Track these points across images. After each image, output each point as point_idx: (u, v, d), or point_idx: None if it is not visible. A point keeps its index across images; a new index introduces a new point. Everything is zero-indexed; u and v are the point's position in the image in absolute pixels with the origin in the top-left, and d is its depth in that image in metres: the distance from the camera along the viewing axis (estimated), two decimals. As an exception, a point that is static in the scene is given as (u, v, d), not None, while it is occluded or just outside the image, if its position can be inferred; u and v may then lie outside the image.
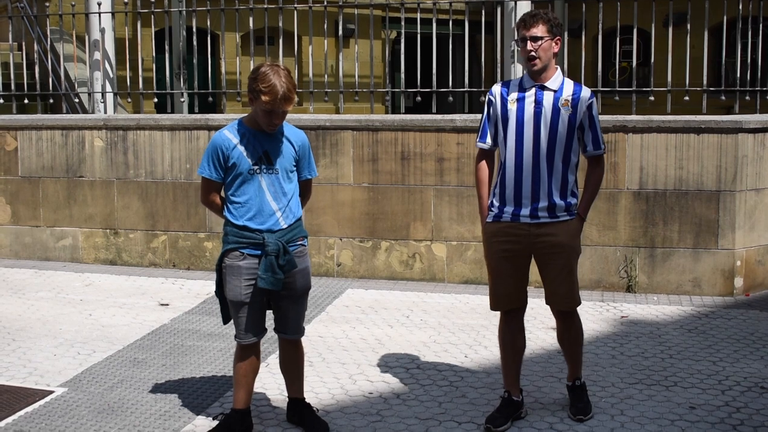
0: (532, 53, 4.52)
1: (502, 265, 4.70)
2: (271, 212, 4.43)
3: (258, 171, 4.41)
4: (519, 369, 4.88)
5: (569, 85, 4.63)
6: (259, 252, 4.40)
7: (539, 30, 4.51)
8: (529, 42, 4.52)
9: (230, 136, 4.42)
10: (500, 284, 4.74)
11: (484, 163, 4.80)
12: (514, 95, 4.62)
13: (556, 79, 4.61)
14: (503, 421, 4.70)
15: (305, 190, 4.69)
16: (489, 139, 4.74)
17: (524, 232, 4.62)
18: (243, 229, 4.43)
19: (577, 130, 4.61)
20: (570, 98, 4.58)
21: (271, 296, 4.53)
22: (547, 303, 4.84)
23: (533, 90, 4.59)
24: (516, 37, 4.64)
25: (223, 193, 4.58)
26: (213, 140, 4.45)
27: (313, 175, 4.67)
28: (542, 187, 4.57)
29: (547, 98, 4.57)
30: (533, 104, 4.57)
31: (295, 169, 4.54)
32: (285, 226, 4.46)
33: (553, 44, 4.57)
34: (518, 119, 4.59)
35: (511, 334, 4.83)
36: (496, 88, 4.71)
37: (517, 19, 4.67)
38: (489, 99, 4.72)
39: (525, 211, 4.60)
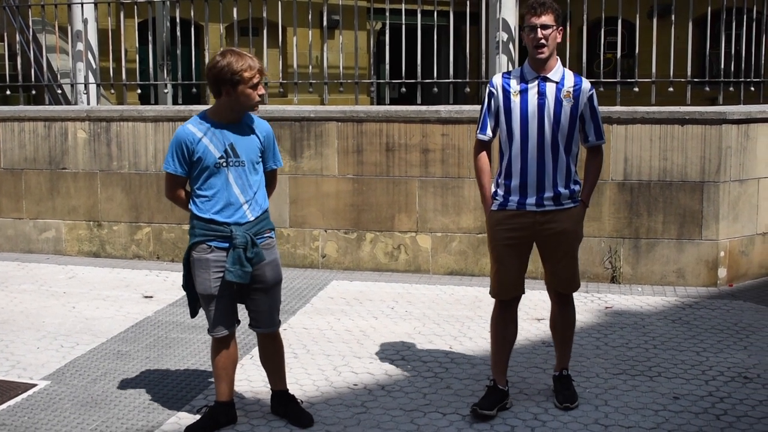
0: (542, 41, 4.52)
1: (507, 252, 4.73)
2: (238, 205, 4.41)
3: (224, 164, 4.38)
4: (507, 359, 4.90)
5: (570, 77, 4.67)
6: (227, 245, 4.38)
7: (549, 18, 4.53)
8: (539, 30, 4.52)
9: (194, 130, 4.37)
10: (504, 272, 4.76)
11: (484, 154, 4.82)
12: (516, 87, 4.64)
13: (557, 70, 4.63)
14: (490, 406, 4.70)
15: (270, 180, 4.67)
16: (489, 131, 4.75)
17: (530, 220, 4.66)
18: (210, 222, 4.39)
19: (579, 121, 4.66)
20: (572, 90, 4.62)
21: (242, 290, 4.51)
22: (547, 285, 4.90)
23: (536, 81, 4.60)
24: (524, 24, 4.61)
25: (188, 187, 4.54)
26: (177, 135, 4.38)
27: (279, 165, 4.65)
28: (547, 178, 4.62)
29: (550, 90, 4.59)
30: (536, 96, 4.59)
31: (260, 160, 4.51)
32: (252, 219, 4.44)
33: (557, 34, 4.59)
34: (522, 111, 4.61)
35: (504, 323, 4.85)
36: (498, 80, 4.71)
37: (523, 6, 4.66)
38: (490, 91, 4.72)
39: (530, 200, 4.64)
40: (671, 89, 8.12)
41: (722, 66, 8.30)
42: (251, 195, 4.44)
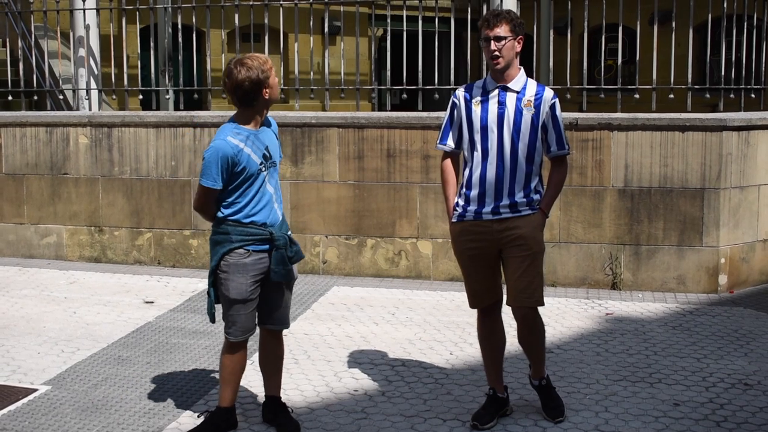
0: (496, 53, 4.53)
1: (472, 263, 4.72)
2: (271, 204, 4.48)
3: (263, 168, 4.44)
4: (501, 365, 4.88)
5: (532, 86, 4.65)
6: (266, 247, 4.43)
7: (503, 30, 4.52)
8: (492, 42, 4.52)
9: (236, 141, 4.37)
10: (474, 282, 4.76)
11: (448, 164, 4.81)
12: (477, 97, 4.65)
13: (519, 79, 4.62)
14: (489, 419, 4.70)
15: None
16: (450, 142, 4.76)
17: (487, 228, 4.63)
18: (249, 225, 4.42)
19: (541, 131, 4.63)
20: (532, 99, 4.60)
21: (267, 288, 4.54)
22: (507, 304, 4.74)
23: (496, 91, 4.61)
24: (479, 37, 4.64)
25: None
26: (221, 150, 4.32)
27: (281, 156, 4.73)
28: (505, 187, 4.59)
29: (510, 99, 4.59)
30: (496, 105, 4.59)
31: None
32: (280, 216, 4.54)
33: (516, 43, 4.58)
34: (482, 120, 4.61)
35: (489, 330, 4.83)
36: (460, 92, 4.73)
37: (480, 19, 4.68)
38: (453, 102, 4.74)
39: (487, 208, 4.62)
40: (672, 96, 8.13)
41: (723, 73, 8.32)
42: (278, 193, 4.57)
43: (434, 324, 6.60)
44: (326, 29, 8.76)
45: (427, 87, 8.56)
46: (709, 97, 8.42)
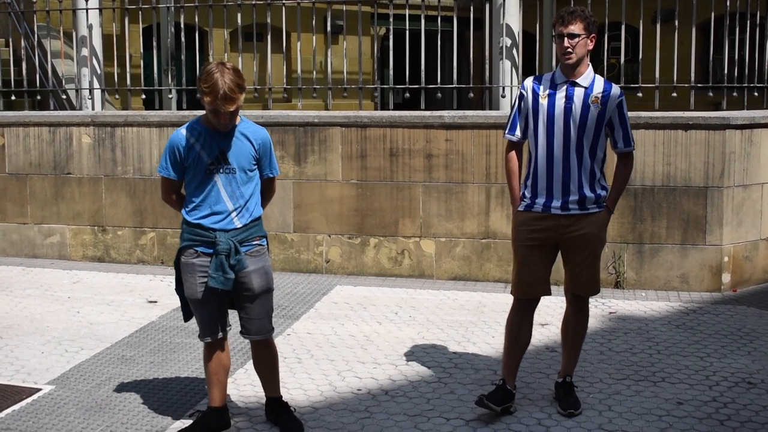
0: (569, 49, 4.59)
1: (529, 252, 4.78)
2: (225, 212, 4.37)
3: (214, 170, 4.35)
4: (519, 360, 4.94)
5: (600, 83, 4.71)
6: (212, 250, 4.35)
7: (576, 27, 4.59)
8: (566, 39, 4.59)
9: (187, 135, 4.35)
10: (526, 272, 4.81)
11: (513, 154, 4.89)
12: (545, 90, 4.70)
13: (587, 75, 4.69)
14: (497, 403, 4.71)
15: (268, 188, 4.62)
16: (518, 132, 4.82)
17: (554, 222, 4.71)
18: (196, 227, 4.38)
19: (606, 127, 4.71)
20: (600, 95, 4.67)
21: (233, 296, 4.48)
22: (565, 288, 4.93)
23: (564, 86, 4.67)
24: (553, 33, 4.69)
25: (183, 191, 4.53)
26: (170, 139, 4.38)
27: (275, 173, 4.58)
28: (573, 180, 4.67)
29: (578, 94, 4.65)
30: (564, 99, 4.65)
31: (255, 168, 4.46)
32: (239, 226, 4.39)
33: (589, 41, 4.65)
34: (549, 114, 4.67)
35: (520, 323, 4.89)
36: (528, 82, 4.79)
37: (554, 15, 4.74)
38: (521, 93, 4.80)
39: (556, 203, 4.69)
40: (675, 94, 8.13)
41: (726, 71, 8.31)
42: (241, 203, 4.39)
43: (437, 323, 6.60)
44: (329, 28, 8.76)
45: (430, 86, 8.56)
46: (712, 96, 8.42)
